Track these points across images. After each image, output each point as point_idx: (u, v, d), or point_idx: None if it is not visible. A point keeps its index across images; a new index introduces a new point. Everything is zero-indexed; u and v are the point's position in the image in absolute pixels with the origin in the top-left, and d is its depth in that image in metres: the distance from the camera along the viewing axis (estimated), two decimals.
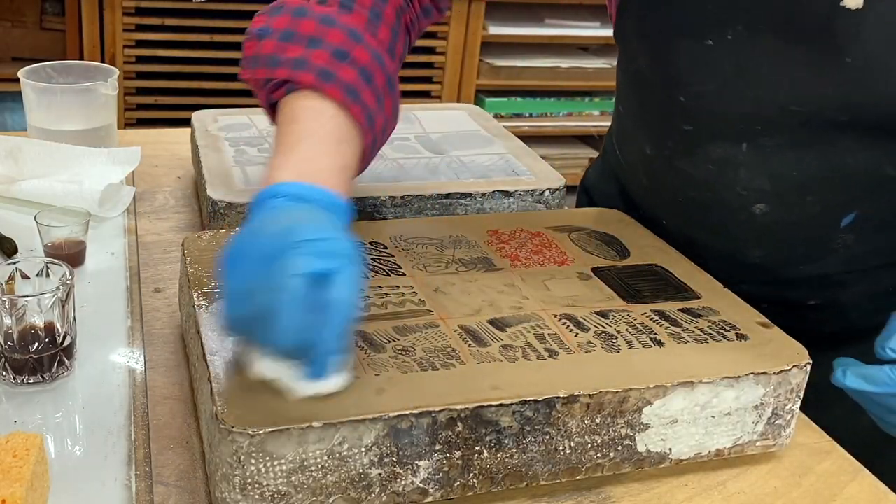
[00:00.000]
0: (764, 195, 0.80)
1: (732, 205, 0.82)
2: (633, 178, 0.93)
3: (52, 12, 2.49)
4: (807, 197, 0.79)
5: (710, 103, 0.79)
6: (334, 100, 0.70)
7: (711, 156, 0.81)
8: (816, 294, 0.85)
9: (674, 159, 0.84)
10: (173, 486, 0.61)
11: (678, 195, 0.86)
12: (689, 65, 0.79)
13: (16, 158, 0.99)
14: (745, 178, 0.80)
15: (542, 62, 2.79)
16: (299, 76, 0.71)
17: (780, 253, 0.84)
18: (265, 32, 0.75)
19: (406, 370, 0.61)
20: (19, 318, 0.67)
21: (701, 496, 0.65)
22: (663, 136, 0.85)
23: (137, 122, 2.52)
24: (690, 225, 0.86)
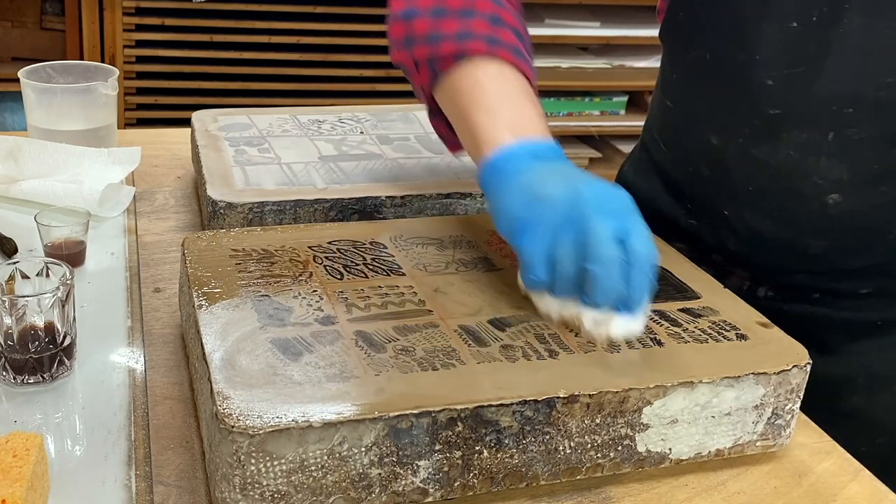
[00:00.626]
0: (840, 185, 0.79)
1: (806, 194, 0.80)
2: (689, 169, 0.90)
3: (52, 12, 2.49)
4: (881, 187, 0.78)
5: (798, 86, 0.77)
6: (507, 61, 0.75)
7: (795, 141, 0.79)
8: (869, 282, 0.84)
9: (750, 146, 0.82)
10: (173, 486, 0.61)
11: (748, 184, 0.84)
12: (775, 48, 0.77)
13: (16, 158, 0.99)
14: (825, 167, 0.78)
15: (542, 62, 2.78)
16: (469, 45, 0.75)
17: (841, 244, 0.82)
18: (413, 13, 0.79)
19: (406, 370, 0.61)
20: (19, 318, 0.67)
21: (701, 496, 0.65)
22: (739, 123, 0.83)
23: (137, 122, 2.52)
24: (757, 215, 0.84)
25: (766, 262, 0.79)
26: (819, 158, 0.78)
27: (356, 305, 0.68)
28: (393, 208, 0.91)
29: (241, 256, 0.74)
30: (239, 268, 0.73)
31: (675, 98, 0.91)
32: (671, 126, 0.93)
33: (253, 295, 0.69)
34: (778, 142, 0.80)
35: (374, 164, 0.99)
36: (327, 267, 0.74)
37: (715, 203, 0.88)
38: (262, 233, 0.79)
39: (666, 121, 0.94)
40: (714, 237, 0.88)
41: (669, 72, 0.92)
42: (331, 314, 0.67)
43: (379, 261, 0.76)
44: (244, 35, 2.50)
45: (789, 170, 0.80)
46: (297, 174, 0.94)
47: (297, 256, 0.75)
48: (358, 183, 0.93)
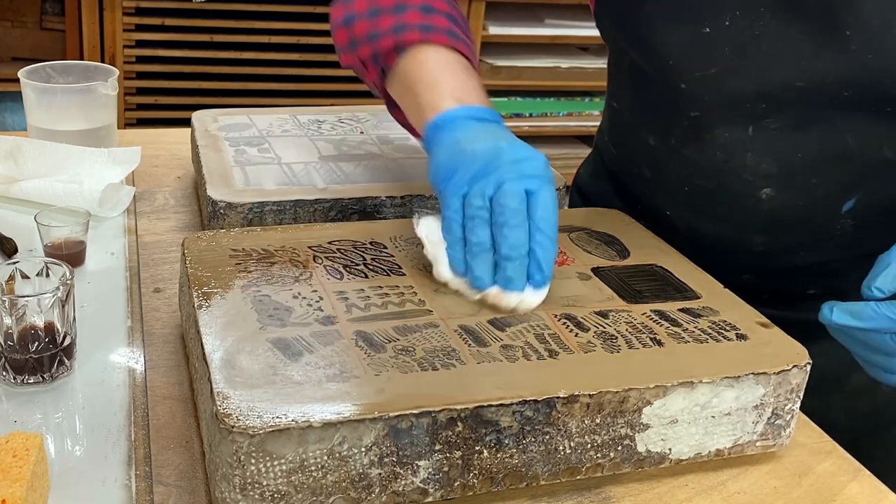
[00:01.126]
0: (770, 179, 0.81)
1: (739, 190, 0.82)
2: (635, 171, 0.93)
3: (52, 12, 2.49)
4: (811, 179, 0.80)
5: (715, 87, 0.79)
6: (442, 44, 0.81)
7: (719, 140, 0.81)
8: (816, 282, 0.86)
9: (681, 147, 0.84)
10: (173, 486, 0.61)
11: (684, 184, 0.86)
12: (688, 52, 0.79)
13: (16, 158, 0.99)
14: (753, 163, 0.81)
15: (542, 62, 2.79)
16: (405, 37, 0.81)
17: (783, 240, 0.85)
18: (351, 18, 0.85)
19: (406, 370, 0.61)
20: (19, 318, 0.67)
21: (701, 496, 0.65)
22: (669, 124, 0.85)
23: (137, 122, 2.52)
24: (696, 214, 0.86)
25: (712, 262, 0.81)
26: (745, 155, 0.81)
27: (356, 305, 0.69)
28: (393, 208, 0.91)
29: (241, 256, 0.74)
30: (239, 268, 0.73)
31: (618, 99, 0.94)
32: (617, 127, 0.96)
33: (253, 295, 0.69)
34: (703, 142, 0.82)
35: (374, 164, 0.99)
36: (327, 267, 0.74)
37: (658, 204, 0.90)
38: (262, 233, 0.79)
39: (613, 122, 0.97)
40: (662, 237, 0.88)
41: (613, 72, 0.95)
42: (331, 314, 0.67)
43: (379, 261, 0.76)
44: (244, 35, 2.50)
45: (720, 168, 0.82)
46: (297, 174, 0.94)
47: (297, 256, 0.75)
48: (358, 183, 0.93)
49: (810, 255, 0.85)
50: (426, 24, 0.81)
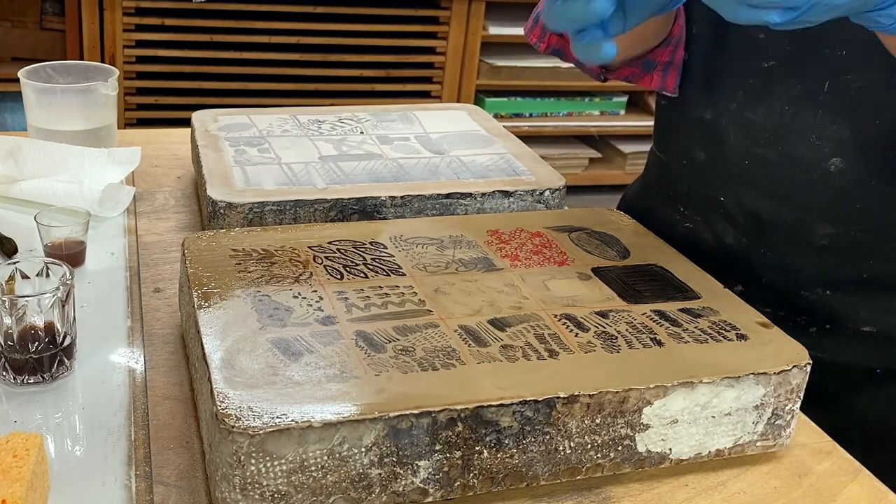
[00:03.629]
0: (841, 146, 0.75)
1: (805, 160, 0.77)
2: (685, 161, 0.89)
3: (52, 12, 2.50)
4: (888, 154, 0.73)
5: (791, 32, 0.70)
6: None
7: (789, 94, 0.76)
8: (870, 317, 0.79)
9: (746, 109, 0.79)
10: (173, 486, 0.61)
11: (744, 157, 0.81)
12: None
13: (16, 158, 0.99)
14: (822, 124, 0.75)
15: (542, 62, 2.79)
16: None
17: (851, 230, 0.78)
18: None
19: (406, 370, 0.61)
20: (19, 318, 0.67)
21: (701, 496, 0.65)
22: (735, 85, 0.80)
23: (137, 122, 2.52)
24: (754, 194, 0.81)
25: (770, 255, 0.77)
26: (815, 113, 0.75)
27: (356, 305, 0.69)
28: (393, 208, 0.91)
29: (241, 256, 0.74)
30: (239, 268, 0.73)
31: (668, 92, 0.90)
32: (666, 122, 0.93)
33: (253, 295, 0.69)
34: (771, 98, 0.77)
35: (374, 164, 0.99)
36: (327, 267, 0.74)
37: (710, 190, 0.86)
38: (262, 233, 0.79)
39: (663, 122, 0.94)
40: (711, 233, 0.87)
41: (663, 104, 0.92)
42: (331, 314, 0.67)
43: (379, 261, 0.76)
44: (244, 35, 2.50)
45: (786, 129, 0.77)
46: (297, 174, 0.94)
47: (297, 256, 0.75)
48: (358, 183, 0.93)
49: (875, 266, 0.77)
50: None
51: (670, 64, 0.86)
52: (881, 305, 0.80)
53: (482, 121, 1.15)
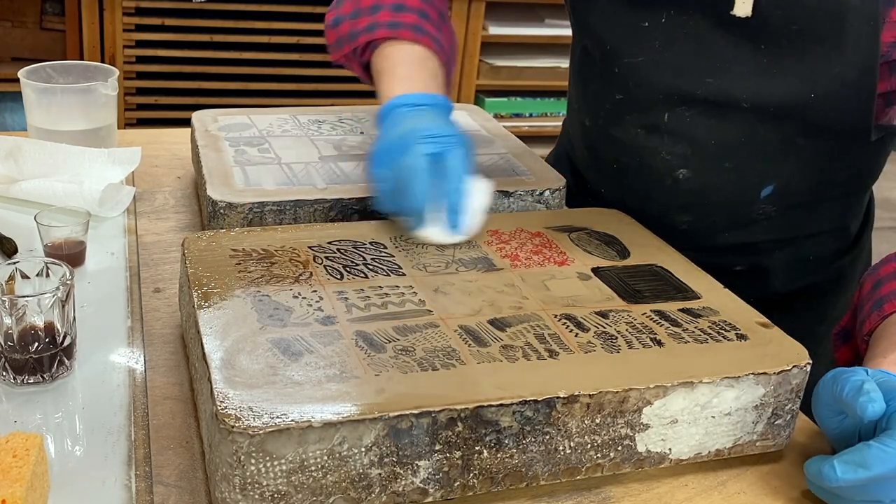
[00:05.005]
0: (686, 160, 0.89)
1: (658, 169, 0.90)
2: (578, 151, 1.03)
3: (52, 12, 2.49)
4: (725, 163, 0.88)
5: (640, 75, 0.88)
6: (407, 39, 0.91)
7: (638, 123, 0.90)
8: (742, 260, 0.93)
9: (608, 127, 0.93)
10: (173, 486, 0.61)
11: (612, 163, 0.95)
12: (626, 40, 0.88)
13: (16, 158, 0.99)
14: (668, 144, 0.89)
15: (542, 62, 2.78)
16: (375, 34, 0.91)
17: (705, 219, 0.91)
18: (339, 20, 0.96)
19: (406, 370, 0.61)
20: (19, 318, 0.67)
21: (701, 496, 0.65)
22: (598, 106, 0.94)
23: (137, 122, 2.52)
24: (624, 192, 0.94)
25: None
26: (662, 136, 0.89)
27: (356, 305, 0.69)
28: None
29: (241, 256, 0.74)
30: (239, 268, 0.73)
31: (572, 86, 1.03)
32: (570, 112, 1.06)
33: (253, 295, 0.69)
34: (624, 124, 0.91)
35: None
36: (327, 267, 0.74)
37: (593, 183, 0.99)
38: (262, 233, 0.79)
39: (569, 109, 1.07)
40: None
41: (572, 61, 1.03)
42: (331, 314, 0.67)
43: (379, 261, 0.76)
44: (244, 35, 2.50)
45: (640, 147, 0.91)
46: (297, 174, 0.94)
47: (297, 256, 0.75)
48: (358, 183, 0.93)
49: (735, 235, 0.92)
50: (395, 22, 0.91)
51: None
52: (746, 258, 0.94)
53: (482, 121, 1.15)
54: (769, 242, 0.92)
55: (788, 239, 0.92)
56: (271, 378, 0.59)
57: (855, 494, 0.61)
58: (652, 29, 0.86)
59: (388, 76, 0.90)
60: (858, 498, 0.61)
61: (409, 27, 0.91)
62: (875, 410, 0.60)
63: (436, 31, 0.93)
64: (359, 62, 0.96)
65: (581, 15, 0.95)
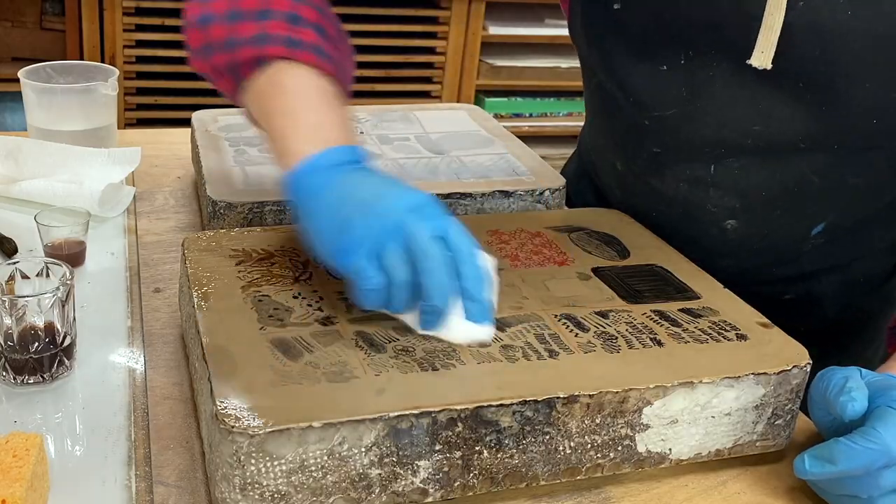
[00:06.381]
0: (734, 212, 0.82)
1: (703, 221, 0.84)
2: (608, 190, 0.95)
3: (52, 12, 2.49)
4: (775, 212, 0.82)
5: (674, 128, 0.80)
6: (308, 63, 0.71)
7: (680, 176, 0.83)
8: (791, 288, 0.87)
9: (645, 177, 0.86)
10: (173, 486, 0.61)
11: (651, 210, 0.87)
12: (648, 88, 0.80)
13: (16, 158, 0.99)
14: (715, 197, 0.82)
15: (542, 62, 2.78)
16: (267, 50, 0.71)
17: (751, 262, 0.86)
18: (208, 19, 0.74)
19: (406, 370, 0.61)
20: (19, 318, 0.67)
21: (701, 496, 0.65)
22: (633, 155, 0.86)
23: (137, 122, 2.52)
24: (664, 235, 0.86)
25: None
26: (707, 189, 0.82)
27: (356, 305, 0.68)
28: None
29: (241, 256, 0.74)
30: (239, 268, 0.73)
31: (593, 115, 0.94)
32: (595, 142, 0.97)
33: (253, 295, 0.69)
34: (664, 177, 0.84)
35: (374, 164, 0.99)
36: (327, 267, 0.74)
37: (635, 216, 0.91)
38: (262, 233, 0.79)
39: (591, 136, 0.98)
40: None
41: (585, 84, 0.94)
42: (331, 314, 0.67)
43: None
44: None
45: (683, 200, 0.83)
46: None
47: (297, 256, 0.75)
48: None
49: (782, 270, 0.87)
50: (292, 38, 0.71)
51: None
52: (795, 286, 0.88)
53: (482, 121, 1.15)
54: (818, 270, 0.87)
55: (837, 265, 0.87)
56: (271, 378, 0.59)
57: (830, 488, 0.62)
58: (672, 74, 0.78)
59: (289, 120, 0.70)
60: (835, 492, 0.62)
61: (310, 48, 0.71)
62: (855, 410, 0.61)
63: (335, 52, 0.73)
64: (233, 78, 0.74)
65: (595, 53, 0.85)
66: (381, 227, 0.63)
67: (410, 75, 2.67)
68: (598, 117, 0.92)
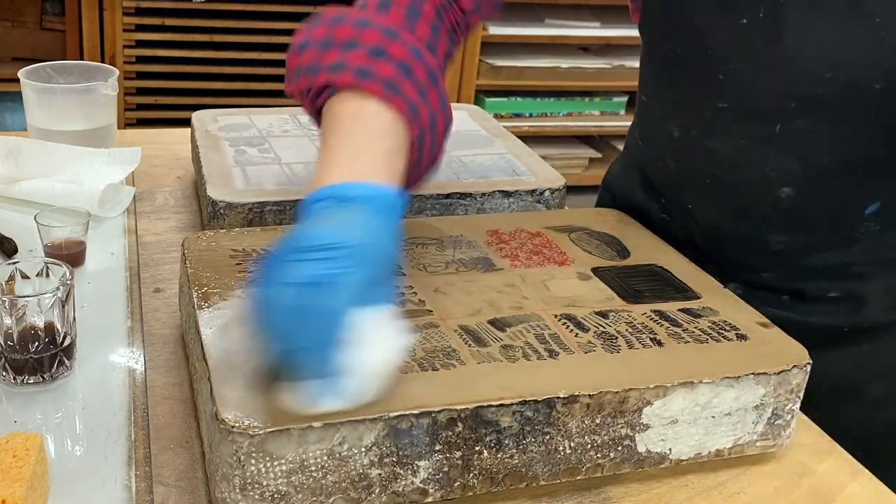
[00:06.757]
0: (791, 178, 0.80)
1: (758, 186, 0.82)
2: (659, 163, 0.93)
3: (52, 12, 2.49)
4: (833, 182, 0.79)
5: (746, 80, 0.79)
6: (374, 95, 0.69)
7: (745, 134, 0.81)
8: (837, 285, 0.85)
9: (705, 139, 0.84)
10: (173, 486, 0.61)
11: (706, 176, 0.85)
12: (725, 43, 0.79)
13: (16, 158, 0.99)
14: (776, 159, 0.80)
15: (542, 62, 2.79)
16: (338, 78, 0.70)
17: (802, 240, 0.84)
18: (305, 45, 0.74)
19: (406, 370, 0.61)
20: (19, 318, 0.67)
21: (701, 496, 0.65)
22: (697, 116, 0.85)
23: (137, 122, 2.52)
24: (715, 208, 0.85)
25: (732, 258, 0.81)
26: (769, 149, 0.80)
27: None
28: None
29: (241, 256, 0.74)
30: (239, 268, 0.73)
31: (648, 93, 0.93)
32: (646, 121, 0.95)
33: None
34: (728, 134, 0.82)
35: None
36: None
37: (681, 197, 0.90)
38: (262, 233, 0.79)
39: (642, 116, 0.97)
40: (684, 232, 0.89)
41: (646, 67, 0.93)
42: None
43: None
44: (244, 35, 2.50)
45: (742, 160, 0.82)
46: (297, 174, 0.94)
47: None
48: None
49: (832, 256, 0.84)
50: (366, 69, 0.69)
51: None
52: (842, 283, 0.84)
53: (482, 121, 1.15)
54: (867, 264, 0.85)
55: (887, 260, 0.85)
56: (271, 378, 0.59)
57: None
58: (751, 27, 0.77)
59: (328, 149, 0.69)
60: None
61: (382, 81, 0.69)
62: None
63: (416, 94, 0.70)
64: (312, 104, 0.75)
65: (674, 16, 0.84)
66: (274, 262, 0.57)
67: None
68: (661, 90, 0.91)
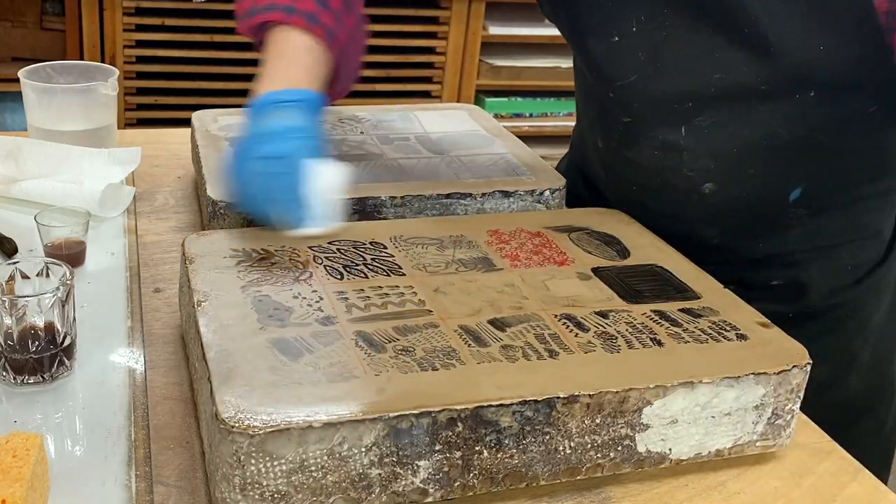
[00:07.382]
0: (709, 174, 0.84)
1: (681, 187, 0.86)
2: (593, 170, 0.98)
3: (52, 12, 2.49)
4: (749, 170, 0.83)
5: (638, 94, 0.83)
6: (299, 27, 0.85)
7: (653, 143, 0.85)
8: (778, 273, 0.89)
9: (622, 150, 0.89)
10: (173, 486, 0.61)
11: (632, 184, 0.90)
12: (605, 61, 0.84)
13: (16, 158, 0.99)
14: (689, 160, 0.84)
15: (542, 62, 2.78)
16: (269, 16, 0.87)
17: (735, 231, 0.88)
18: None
19: (406, 370, 0.61)
20: (19, 318, 0.67)
21: (701, 496, 0.65)
22: (609, 129, 0.90)
23: (137, 122, 2.52)
24: (648, 211, 0.89)
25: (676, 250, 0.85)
26: (681, 153, 0.84)
27: (356, 305, 0.69)
28: (393, 208, 0.91)
29: (241, 256, 0.74)
30: (239, 268, 0.73)
31: (579, 105, 0.99)
32: (579, 129, 1.02)
33: (253, 295, 0.69)
34: (639, 146, 0.87)
35: (374, 164, 0.99)
36: (327, 267, 0.74)
37: (614, 202, 0.94)
38: (262, 233, 0.79)
39: (577, 124, 1.03)
40: None
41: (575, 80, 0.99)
42: (331, 314, 0.67)
43: (379, 261, 0.76)
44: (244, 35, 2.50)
45: (659, 167, 0.86)
46: None
47: (297, 256, 0.75)
48: (358, 183, 0.93)
49: (770, 245, 0.88)
50: (290, 7, 0.86)
51: None
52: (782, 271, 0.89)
53: (482, 121, 1.15)
54: (804, 252, 0.88)
55: (824, 247, 0.88)
56: (271, 378, 0.59)
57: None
58: (627, 42, 0.82)
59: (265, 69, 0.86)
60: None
61: (304, 14, 0.86)
62: None
63: (333, 21, 0.87)
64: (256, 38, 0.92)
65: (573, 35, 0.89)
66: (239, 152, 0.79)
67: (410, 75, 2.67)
68: (580, 99, 0.98)
